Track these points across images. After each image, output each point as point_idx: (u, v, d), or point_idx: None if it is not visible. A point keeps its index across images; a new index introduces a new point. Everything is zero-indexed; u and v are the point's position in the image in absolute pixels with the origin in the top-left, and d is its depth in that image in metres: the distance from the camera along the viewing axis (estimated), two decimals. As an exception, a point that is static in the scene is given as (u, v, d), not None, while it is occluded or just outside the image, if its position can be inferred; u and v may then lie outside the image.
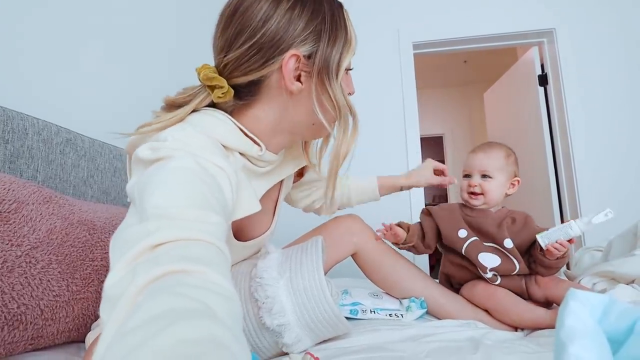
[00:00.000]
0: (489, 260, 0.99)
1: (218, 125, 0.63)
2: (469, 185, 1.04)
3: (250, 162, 0.68)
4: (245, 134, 0.66)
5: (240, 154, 0.66)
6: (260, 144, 0.68)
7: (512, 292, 1.00)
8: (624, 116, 2.24)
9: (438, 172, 1.16)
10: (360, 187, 1.15)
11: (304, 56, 0.62)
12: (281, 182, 0.88)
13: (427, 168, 1.15)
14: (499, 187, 1.03)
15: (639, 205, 2.12)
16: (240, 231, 0.79)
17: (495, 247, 1.00)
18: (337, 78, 0.64)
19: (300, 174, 0.99)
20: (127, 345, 0.24)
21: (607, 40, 2.30)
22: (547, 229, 0.97)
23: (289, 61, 0.62)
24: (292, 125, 0.70)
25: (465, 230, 1.03)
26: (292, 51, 0.61)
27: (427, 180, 1.15)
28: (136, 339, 0.24)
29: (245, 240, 0.80)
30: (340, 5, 0.68)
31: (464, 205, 1.08)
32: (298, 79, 0.64)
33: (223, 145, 0.61)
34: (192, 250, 0.37)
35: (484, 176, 1.03)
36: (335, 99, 0.63)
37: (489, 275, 1.00)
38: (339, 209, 1.16)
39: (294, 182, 0.97)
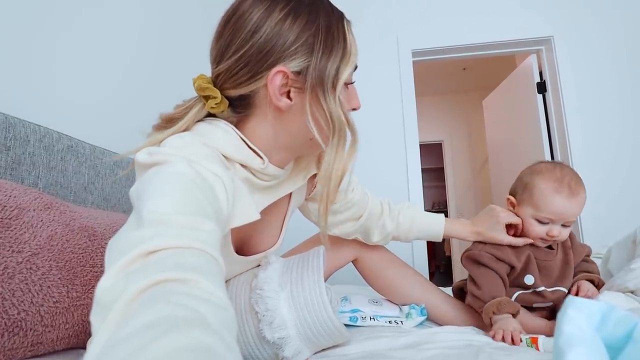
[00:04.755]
0: (542, 304, 0.97)
1: (220, 135, 0.61)
2: (550, 236, 0.90)
3: (254, 174, 0.66)
4: (248, 146, 0.64)
5: (243, 166, 0.64)
6: (263, 157, 0.65)
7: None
8: (622, 123, 2.26)
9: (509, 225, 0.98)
10: (424, 224, 1.04)
11: (293, 72, 0.59)
12: (290, 196, 0.84)
13: (498, 223, 0.96)
14: (570, 229, 0.94)
15: (638, 211, 2.12)
16: (245, 245, 0.77)
17: (556, 290, 0.95)
18: (334, 92, 0.60)
19: (314, 186, 0.93)
20: (118, 355, 0.24)
21: (605, 48, 2.32)
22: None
23: (275, 78, 0.58)
24: (288, 141, 0.67)
25: (532, 277, 0.93)
26: (278, 67, 0.58)
27: (502, 241, 0.95)
28: (128, 348, 0.24)
29: (250, 255, 0.78)
30: (340, 16, 0.64)
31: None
32: (288, 95, 0.61)
33: (225, 156, 0.61)
34: (186, 259, 0.36)
35: (564, 224, 0.91)
36: (330, 114, 0.59)
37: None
38: (393, 239, 1.05)
39: (309, 193, 0.93)
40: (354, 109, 0.69)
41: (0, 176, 0.76)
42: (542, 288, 0.94)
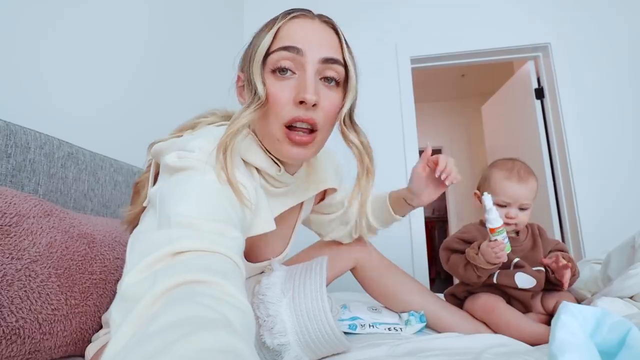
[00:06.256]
0: (525, 281, 1.01)
1: (243, 141, 0.64)
2: (508, 217, 1.03)
3: (267, 181, 0.68)
4: (267, 153, 0.66)
5: (257, 170, 0.66)
6: (280, 164, 0.67)
7: (519, 301, 1.01)
8: (620, 128, 2.26)
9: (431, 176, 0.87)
10: (375, 205, 1.00)
11: (243, 73, 0.66)
12: (300, 207, 0.85)
13: (418, 176, 0.88)
14: (529, 215, 1.06)
15: (638, 217, 2.12)
16: (252, 251, 0.78)
17: (534, 269, 1.02)
18: (252, 61, 0.61)
19: (321, 198, 0.96)
20: (146, 350, 0.25)
21: (602, 54, 2.33)
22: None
23: (237, 82, 0.69)
24: (265, 145, 0.67)
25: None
26: (237, 73, 0.69)
27: (431, 196, 0.90)
28: (156, 344, 0.25)
29: (256, 262, 0.79)
30: (285, 13, 0.64)
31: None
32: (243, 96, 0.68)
33: (243, 161, 0.62)
34: (212, 263, 0.38)
35: (521, 208, 1.04)
36: (249, 80, 0.61)
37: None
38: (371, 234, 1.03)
39: (316, 204, 0.95)
40: (301, 102, 0.59)
41: (0, 183, 0.76)
42: (517, 259, 1.02)
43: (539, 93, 2.54)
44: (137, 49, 1.41)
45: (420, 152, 2.68)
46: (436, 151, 5.35)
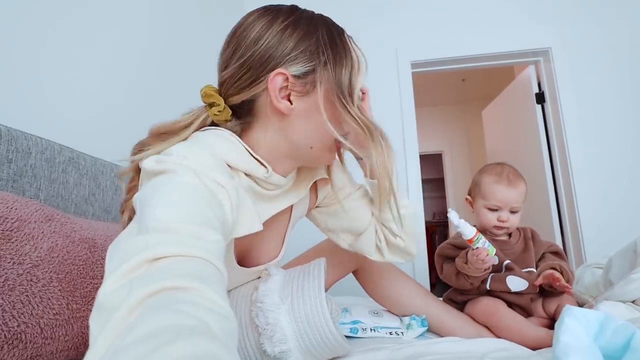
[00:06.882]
0: (516, 283, 1.01)
1: (224, 144, 0.63)
2: (500, 221, 1.06)
3: (258, 184, 0.67)
4: (252, 156, 0.66)
5: (247, 175, 0.65)
6: (267, 165, 0.67)
7: (519, 306, 1.00)
8: (620, 132, 2.27)
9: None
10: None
11: (293, 75, 0.62)
12: (291, 208, 0.84)
13: None
14: (519, 217, 1.09)
15: (638, 221, 2.12)
16: (247, 256, 0.78)
17: (525, 271, 1.04)
18: (352, 99, 0.63)
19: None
20: None
21: (602, 59, 2.34)
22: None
23: (275, 78, 0.61)
24: (291, 150, 0.68)
25: (496, 257, 1.03)
26: (278, 70, 0.61)
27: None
28: (133, 355, 0.25)
29: (250, 266, 0.78)
30: (341, 31, 0.68)
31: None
32: (288, 98, 0.63)
33: (229, 165, 0.61)
34: (190, 267, 0.37)
35: (511, 211, 1.07)
36: (360, 119, 0.62)
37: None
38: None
39: (314, 202, 0.91)
40: None
41: (2, 188, 0.76)
42: (508, 261, 1.03)
43: (540, 97, 2.55)
44: (137, 51, 1.42)
45: (421, 157, 2.68)
46: (437, 155, 5.35)
